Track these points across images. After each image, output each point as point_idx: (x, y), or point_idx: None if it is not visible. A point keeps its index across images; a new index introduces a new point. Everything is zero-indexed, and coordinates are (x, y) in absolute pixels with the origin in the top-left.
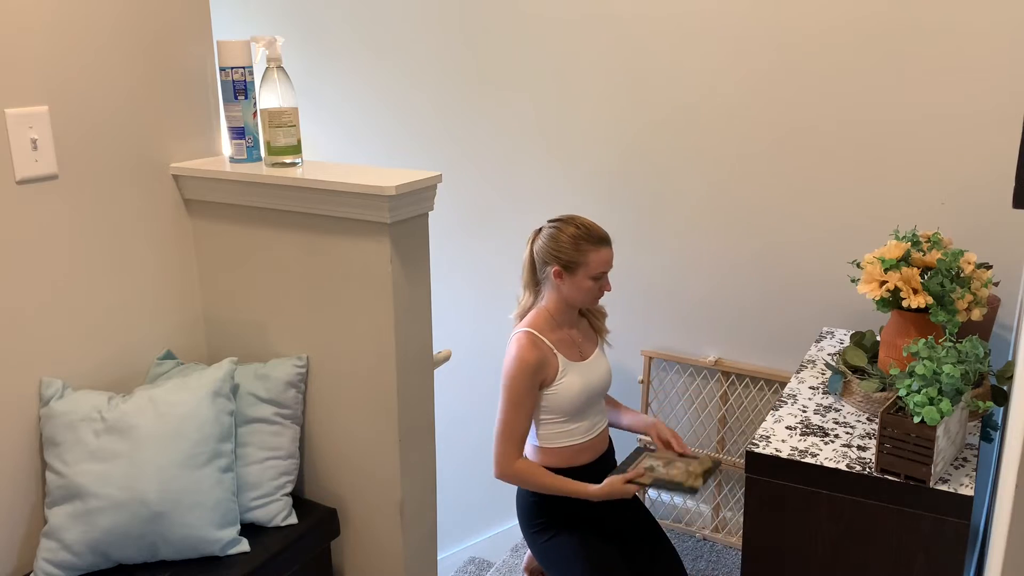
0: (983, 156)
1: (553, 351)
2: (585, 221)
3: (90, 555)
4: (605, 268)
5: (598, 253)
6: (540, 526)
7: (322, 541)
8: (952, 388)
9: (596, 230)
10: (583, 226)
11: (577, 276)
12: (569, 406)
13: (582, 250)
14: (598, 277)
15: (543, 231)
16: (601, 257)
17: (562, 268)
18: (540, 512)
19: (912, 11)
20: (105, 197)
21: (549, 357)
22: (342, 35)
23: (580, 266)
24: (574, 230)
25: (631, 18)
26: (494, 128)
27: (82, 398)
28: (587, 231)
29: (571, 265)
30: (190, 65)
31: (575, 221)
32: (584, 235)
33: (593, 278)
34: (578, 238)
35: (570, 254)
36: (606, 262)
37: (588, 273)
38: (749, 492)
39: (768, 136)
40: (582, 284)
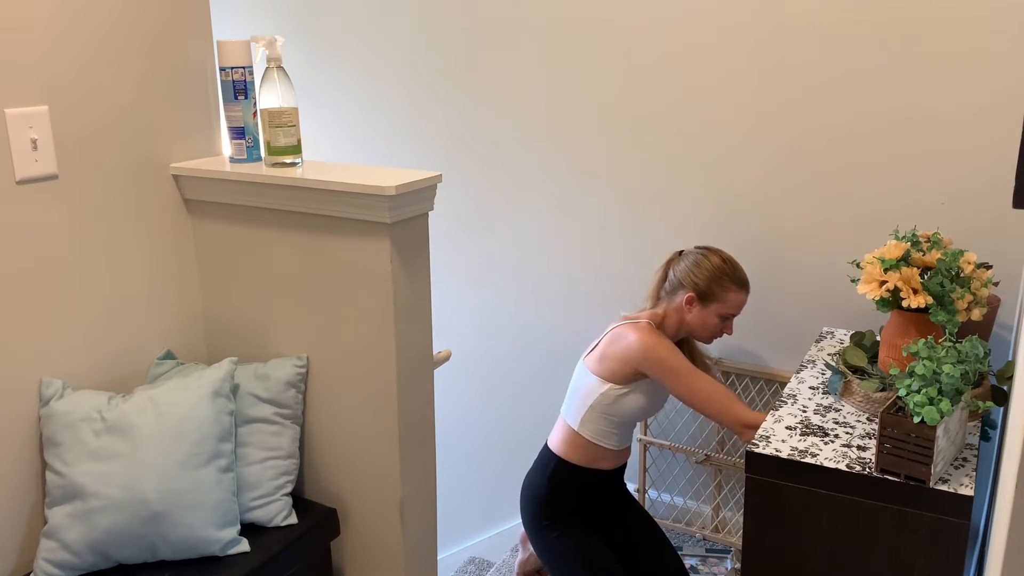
0: (983, 156)
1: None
2: (734, 260)
3: (90, 555)
4: (736, 311)
5: (738, 295)
6: (548, 521)
7: (322, 541)
8: (952, 388)
9: (741, 272)
10: (730, 263)
11: (708, 309)
12: (632, 413)
13: (724, 286)
14: (727, 317)
15: (687, 254)
16: (738, 299)
17: (697, 296)
18: (549, 508)
19: (912, 12)
20: (105, 197)
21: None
22: (342, 35)
23: (715, 301)
24: (721, 264)
25: (632, 18)
26: (495, 128)
27: (82, 398)
28: (734, 269)
29: (707, 296)
30: (190, 65)
31: (727, 257)
32: (730, 272)
33: (721, 316)
34: (723, 273)
35: (710, 286)
36: (739, 305)
37: (720, 310)
38: (749, 492)
39: (768, 136)
40: (709, 319)
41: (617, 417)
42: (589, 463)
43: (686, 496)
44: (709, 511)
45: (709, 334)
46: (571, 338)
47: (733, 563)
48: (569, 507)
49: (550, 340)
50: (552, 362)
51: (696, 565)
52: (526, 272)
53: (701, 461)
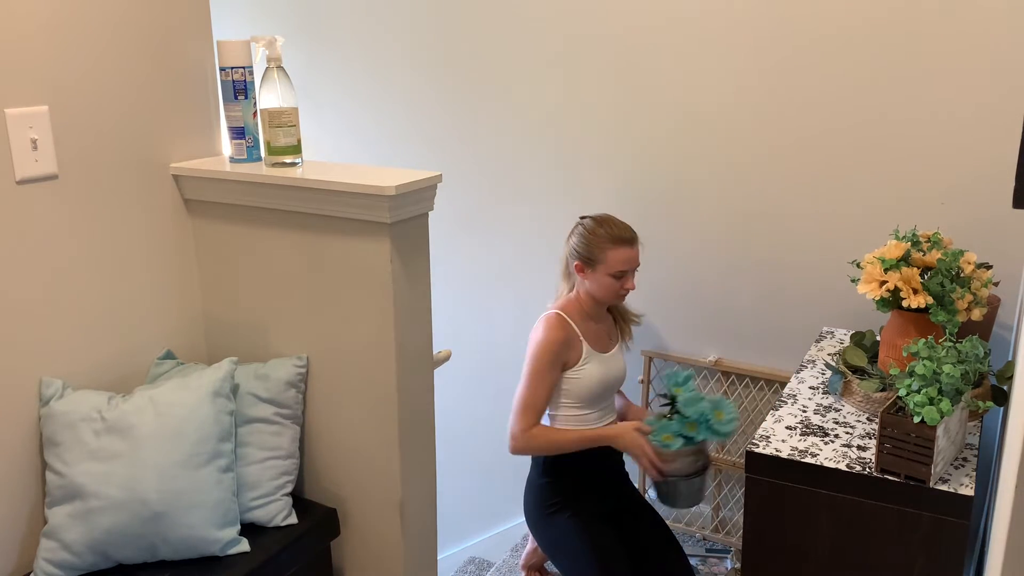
0: (983, 156)
1: (579, 336)
2: (611, 219)
3: (90, 555)
4: (624, 267)
5: (616, 251)
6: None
7: (322, 541)
8: (952, 388)
9: (617, 229)
10: (606, 223)
11: (597, 272)
12: (587, 393)
13: (600, 246)
14: (617, 275)
15: (575, 228)
16: (619, 255)
17: (583, 263)
18: (552, 493)
19: (912, 12)
20: (105, 197)
21: (574, 340)
22: (342, 35)
23: (599, 263)
24: (595, 226)
25: (634, 19)
26: (495, 128)
27: (82, 398)
28: (608, 229)
29: (590, 261)
30: (190, 65)
31: (601, 218)
32: (605, 233)
33: (612, 275)
34: (599, 235)
35: (590, 250)
36: (624, 261)
37: (607, 270)
38: (749, 492)
39: (768, 137)
40: (602, 280)
41: (579, 399)
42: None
43: None
44: (709, 511)
45: (612, 295)
46: None
47: (733, 563)
48: (569, 489)
49: None
50: None
51: (696, 565)
52: (526, 272)
53: None
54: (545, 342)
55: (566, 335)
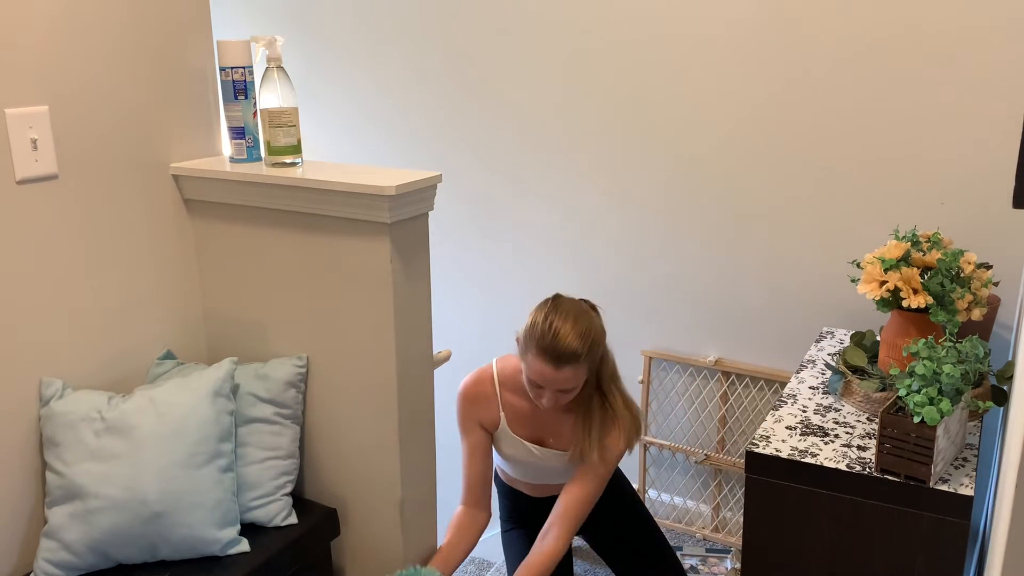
0: (983, 156)
1: (498, 405)
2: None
3: (90, 555)
4: (536, 378)
5: (536, 360)
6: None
7: (322, 541)
8: (952, 388)
9: (553, 339)
10: (548, 325)
11: (523, 363)
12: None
13: (527, 345)
14: (532, 382)
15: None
16: (535, 365)
17: (517, 344)
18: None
19: (912, 12)
20: (105, 197)
21: (490, 404)
22: (342, 35)
23: (522, 358)
24: (541, 320)
25: (634, 20)
26: (495, 127)
27: (82, 398)
28: (544, 332)
29: (521, 352)
30: (190, 65)
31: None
32: (538, 333)
33: (528, 379)
34: (534, 331)
35: (523, 342)
36: (537, 372)
37: (526, 371)
38: (749, 492)
39: (768, 137)
40: (523, 374)
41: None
42: (511, 483)
43: (686, 496)
44: (709, 511)
45: (531, 395)
46: None
47: (733, 563)
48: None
49: None
50: None
51: (696, 565)
52: (526, 271)
53: (701, 461)
54: (457, 399)
55: (479, 395)
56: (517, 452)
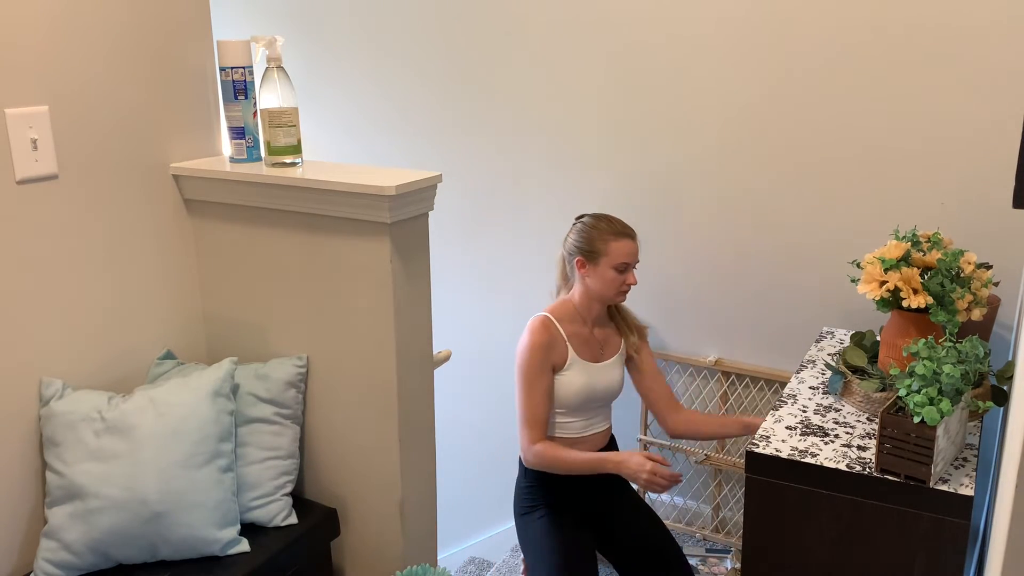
0: (983, 156)
1: (564, 340)
2: (609, 215)
3: (90, 555)
4: (627, 259)
5: (619, 243)
6: (527, 508)
7: (322, 541)
8: (952, 388)
9: (619, 223)
10: (606, 219)
11: (599, 266)
12: (566, 400)
13: (603, 239)
14: (620, 268)
15: (572, 226)
16: (622, 247)
17: (584, 258)
18: (531, 496)
19: (912, 12)
20: (105, 197)
21: (558, 343)
22: (342, 35)
23: (601, 255)
24: (595, 221)
25: (634, 19)
26: (495, 127)
27: (82, 398)
28: (609, 223)
29: (592, 254)
30: (190, 65)
31: (600, 215)
32: (606, 226)
33: (615, 268)
34: (600, 229)
35: (592, 243)
36: (628, 253)
37: (610, 263)
38: (749, 492)
39: (768, 137)
40: (604, 274)
41: (560, 404)
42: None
43: (686, 496)
44: (709, 511)
45: (614, 291)
46: None
47: (733, 563)
48: (546, 493)
49: None
50: None
51: (696, 565)
52: (526, 271)
53: (701, 461)
54: (528, 347)
55: (549, 337)
56: (588, 376)
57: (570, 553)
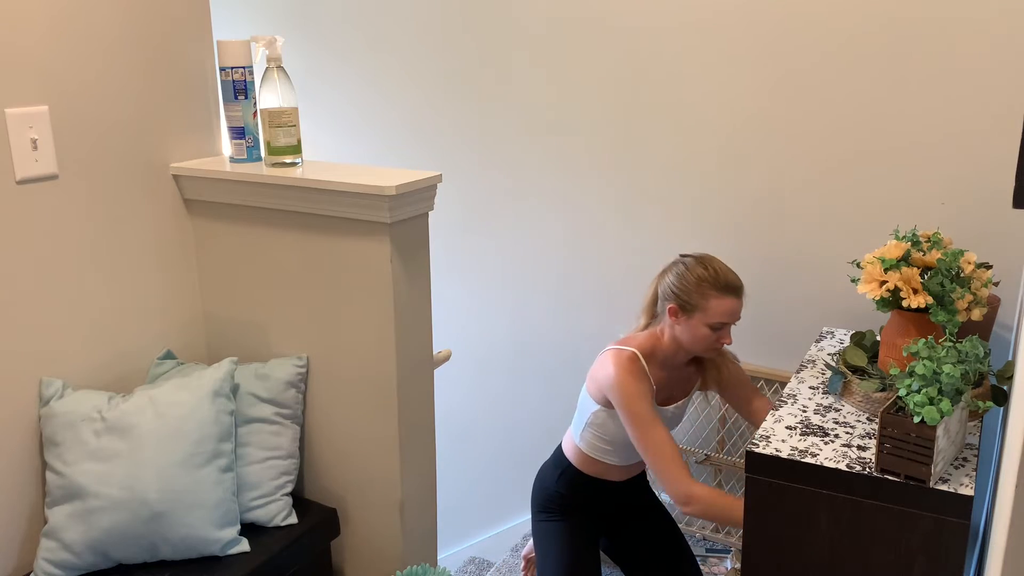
0: (983, 156)
1: (651, 383)
2: (718, 265)
3: (90, 555)
4: (726, 319)
5: (720, 301)
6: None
7: (322, 541)
8: (952, 388)
9: (726, 276)
10: (712, 268)
11: (693, 320)
12: (618, 436)
13: (704, 293)
14: (716, 327)
15: (673, 265)
16: (724, 306)
17: (679, 307)
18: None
19: (912, 12)
20: (105, 197)
21: (649, 385)
22: (342, 34)
23: (698, 310)
24: (702, 271)
25: (634, 18)
26: (495, 127)
27: (82, 398)
28: (715, 275)
29: (688, 307)
30: (190, 65)
31: (707, 262)
32: (711, 278)
33: (710, 326)
34: (703, 280)
35: (690, 295)
36: (728, 313)
37: (705, 319)
38: (749, 492)
39: (768, 137)
40: (697, 330)
41: (610, 437)
42: (597, 474)
43: None
44: None
45: (703, 347)
46: (571, 337)
47: (733, 563)
48: (575, 505)
49: (551, 339)
50: (553, 361)
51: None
52: (526, 271)
53: (701, 461)
54: (636, 393)
55: (646, 379)
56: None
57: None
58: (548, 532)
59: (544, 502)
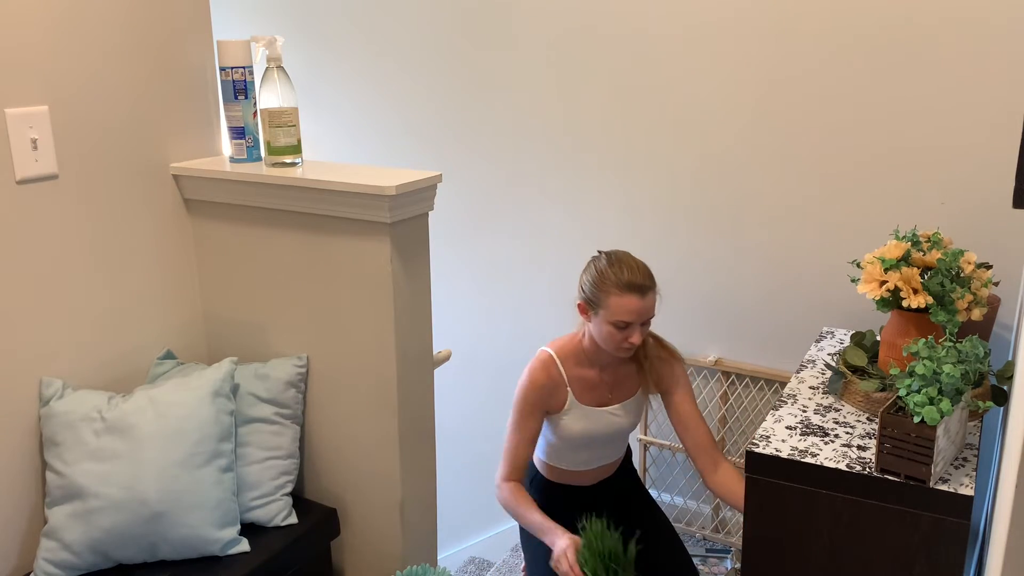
0: (983, 156)
1: (565, 383)
2: (627, 262)
3: (90, 555)
4: (627, 317)
5: (621, 298)
6: None
7: (322, 541)
8: (952, 388)
9: (631, 272)
10: (618, 264)
11: (598, 317)
12: (567, 440)
13: (606, 291)
14: (619, 326)
15: (590, 262)
16: (624, 304)
17: (586, 304)
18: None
19: (912, 12)
20: (105, 197)
21: (558, 387)
22: (342, 34)
23: (601, 307)
24: (605, 266)
25: (635, 18)
26: (495, 127)
27: (82, 398)
28: (619, 271)
29: (593, 303)
30: (190, 65)
31: (616, 259)
32: (613, 275)
33: (614, 324)
34: (606, 278)
35: (595, 293)
36: (630, 311)
37: (608, 317)
38: (749, 492)
39: (768, 137)
40: (602, 328)
41: (560, 440)
42: (564, 481)
43: (686, 496)
44: (709, 511)
45: (612, 346)
46: None
47: (733, 563)
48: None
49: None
50: None
51: (696, 565)
52: (526, 271)
53: None
54: (523, 386)
55: (548, 379)
56: (588, 423)
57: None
58: (530, 538)
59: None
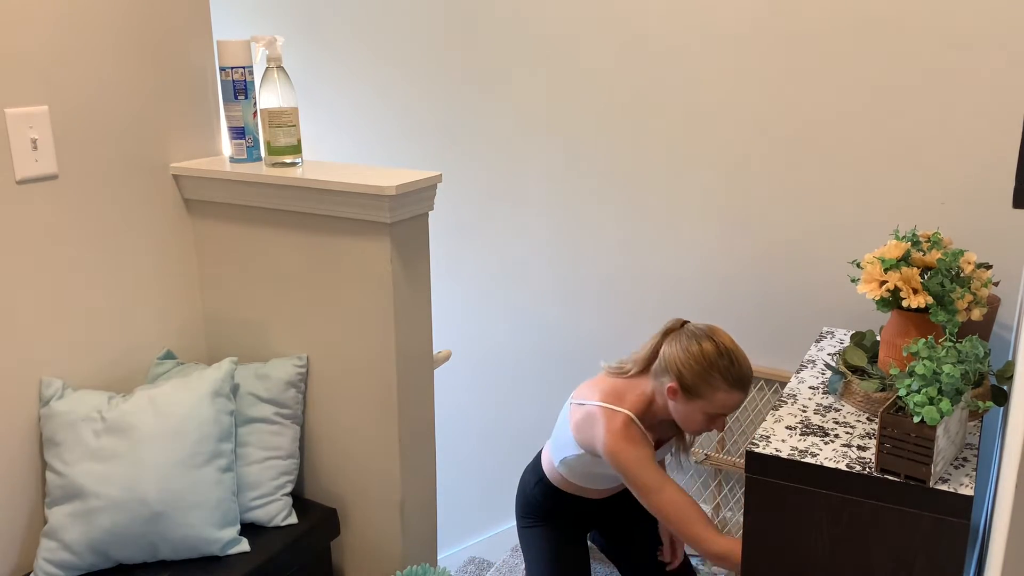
0: (983, 156)
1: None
2: (735, 351)
3: (90, 555)
4: (726, 412)
5: (729, 395)
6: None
7: (322, 541)
8: (952, 388)
9: (740, 368)
10: (727, 355)
11: (692, 405)
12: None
13: (711, 383)
14: (714, 416)
15: (682, 333)
16: (730, 400)
17: (680, 388)
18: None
19: (912, 12)
20: (105, 197)
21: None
22: (342, 34)
23: (700, 397)
24: (714, 354)
25: (635, 16)
26: (495, 127)
27: (82, 398)
28: (729, 363)
29: (691, 391)
30: (190, 65)
31: (723, 347)
32: (724, 367)
33: (707, 415)
34: (714, 367)
35: (695, 380)
36: (732, 406)
37: (705, 408)
38: (749, 492)
39: (768, 136)
40: (693, 415)
41: (597, 472)
42: (574, 492)
43: None
44: (709, 511)
45: (694, 430)
46: (571, 337)
47: None
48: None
49: (550, 339)
50: (553, 362)
51: (696, 565)
52: (526, 271)
53: (701, 461)
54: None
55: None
56: None
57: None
58: (530, 539)
59: (524, 507)
